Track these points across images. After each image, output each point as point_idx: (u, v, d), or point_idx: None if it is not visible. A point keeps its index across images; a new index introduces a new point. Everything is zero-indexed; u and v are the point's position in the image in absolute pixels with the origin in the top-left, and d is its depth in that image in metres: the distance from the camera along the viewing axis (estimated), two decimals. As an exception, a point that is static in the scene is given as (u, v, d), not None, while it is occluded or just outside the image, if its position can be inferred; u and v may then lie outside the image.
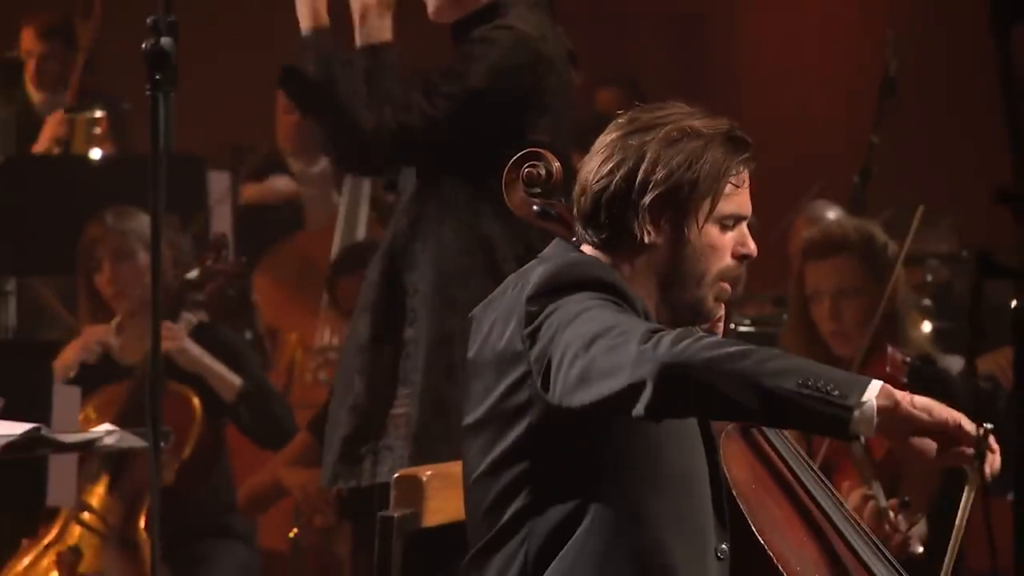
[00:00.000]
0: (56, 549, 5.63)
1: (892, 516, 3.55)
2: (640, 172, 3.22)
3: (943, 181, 8.14)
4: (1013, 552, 2.32)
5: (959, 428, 3.01)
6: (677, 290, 3.25)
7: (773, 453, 3.42)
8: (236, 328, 6.56)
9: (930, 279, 6.82)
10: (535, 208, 3.47)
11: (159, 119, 3.59)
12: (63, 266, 6.53)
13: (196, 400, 5.79)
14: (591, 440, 3.18)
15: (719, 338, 3.03)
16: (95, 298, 5.99)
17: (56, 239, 6.51)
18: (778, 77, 9.10)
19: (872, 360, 4.81)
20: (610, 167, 3.25)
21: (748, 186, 3.28)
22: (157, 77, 3.55)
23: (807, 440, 4.63)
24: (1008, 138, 2.23)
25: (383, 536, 3.48)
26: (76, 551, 5.61)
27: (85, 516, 5.67)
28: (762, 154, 3.30)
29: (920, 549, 3.37)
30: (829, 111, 8.72)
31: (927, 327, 5.93)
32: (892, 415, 2.96)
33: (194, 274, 5.87)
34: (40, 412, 4.98)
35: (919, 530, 4.32)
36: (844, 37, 9.06)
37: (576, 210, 3.30)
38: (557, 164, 3.45)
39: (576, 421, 3.13)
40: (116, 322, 5.90)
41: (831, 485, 3.48)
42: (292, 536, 6.27)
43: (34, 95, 8.08)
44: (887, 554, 3.37)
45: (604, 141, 3.28)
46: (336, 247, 7.44)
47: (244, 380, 5.87)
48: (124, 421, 5.17)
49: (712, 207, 3.24)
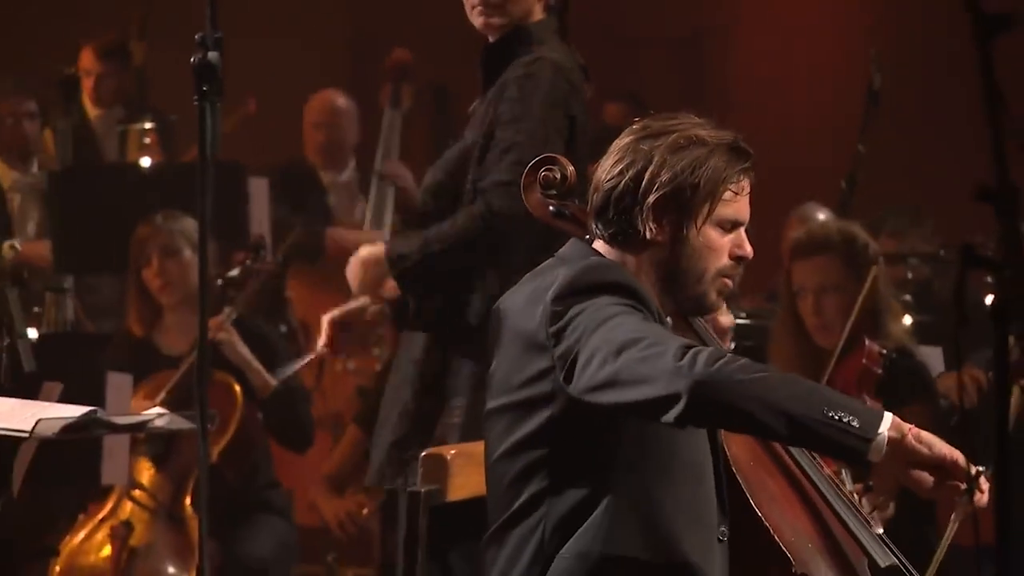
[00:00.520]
0: (109, 524, 5.63)
1: (857, 500, 3.54)
2: (647, 174, 3.22)
3: (923, 185, 8.13)
4: (995, 530, 2.30)
5: (955, 464, 3.04)
6: (680, 285, 3.25)
7: (770, 434, 3.41)
8: (271, 322, 6.56)
9: (911, 276, 6.81)
10: (551, 209, 3.47)
11: (206, 128, 3.57)
12: (116, 265, 6.53)
13: (237, 387, 5.79)
14: (608, 431, 3.17)
15: (749, 361, 2.99)
16: (143, 291, 5.99)
17: (109, 240, 6.51)
18: (769, 92, 9.10)
19: (850, 352, 4.79)
20: (621, 168, 3.25)
21: (747, 194, 3.28)
22: (204, 88, 3.53)
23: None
24: (989, 139, 2.21)
25: (411, 509, 3.47)
26: (128, 525, 5.60)
27: (136, 493, 5.67)
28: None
29: (880, 530, 3.36)
30: (817, 122, 8.71)
31: (907, 321, 5.91)
32: (898, 446, 2.99)
33: (235, 272, 5.86)
34: (95, 398, 4.97)
35: (884, 514, 4.29)
36: (830, 55, 9.05)
37: (589, 205, 3.30)
38: (571, 168, 3.46)
39: (596, 415, 3.12)
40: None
41: (823, 464, 3.46)
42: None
43: (90, 110, 8.08)
44: (886, 540, 3.35)
45: (619, 144, 3.28)
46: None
47: (278, 382, 5.86)
48: (171, 406, 5.15)
49: (711, 210, 3.23)
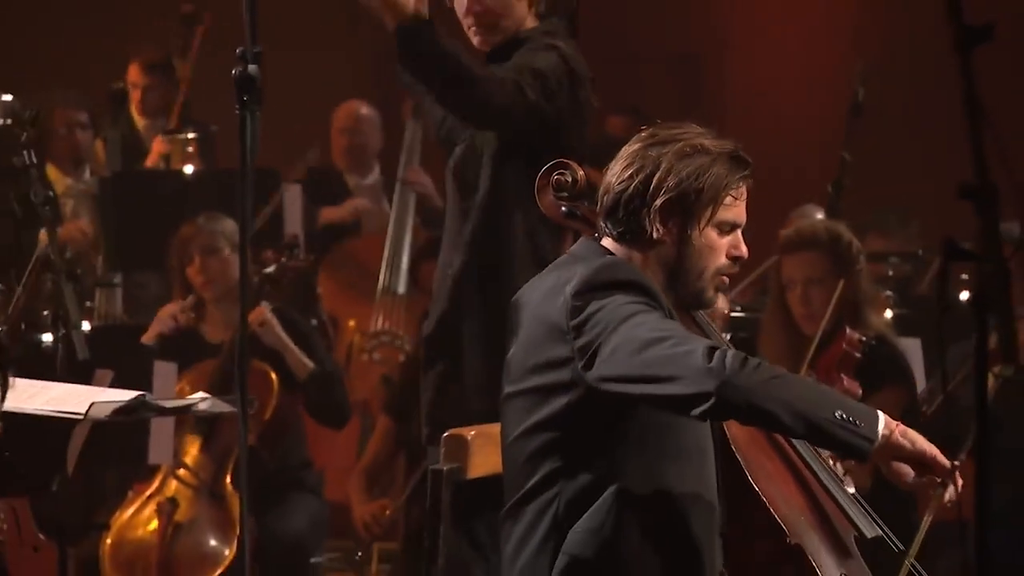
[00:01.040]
0: (156, 500, 5.62)
1: (832, 463, 3.56)
2: (655, 179, 3.22)
3: (904, 189, 8.13)
4: (974, 507, 2.29)
5: (934, 459, 3.11)
6: (681, 281, 3.26)
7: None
8: (303, 316, 6.55)
9: (891, 273, 6.82)
10: (563, 209, 3.46)
11: (246, 135, 3.55)
12: (161, 263, 6.54)
13: (274, 375, 5.78)
14: (619, 419, 3.17)
15: (770, 365, 3.06)
16: (186, 286, 5.98)
17: (155, 240, 6.51)
18: (761, 104, 9.09)
19: (832, 339, 4.79)
20: (630, 172, 3.24)
21: (745, 199, 3.28)
22: (245, 98, 3.51)
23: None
24: (969, 142, 2.20)
25: (433, 485, 3.46)
26: (174, 502, 5.59)
27: (181, 472, 5.65)
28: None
29: (852, 490, 3.39)
30: (806, 132, 8.69)
31: (888, 314, 5.92)
32: (887, 442, 3.05)
33: (271, 269, 5.86)
34: (143, 384, 4.97)
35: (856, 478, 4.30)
36: (817, 70, 9.03)
37: (600, 206, 3.29)
38: (582, 172, 3.45)
39: (610, 404, 3.13)
40: (190, 300, 5.90)
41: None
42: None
43: (137, 120, 8.08)
44: (865, 506, 3.35)
45: (628, 150, 3.28)
46: (388, 249, 7.43)
47: (314, 365, 5.85)
48: (213, 392, 5.15)
49: (712, 214, 3.24)
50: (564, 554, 3.17)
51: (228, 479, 5.62)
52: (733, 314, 5.90)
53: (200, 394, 5.04)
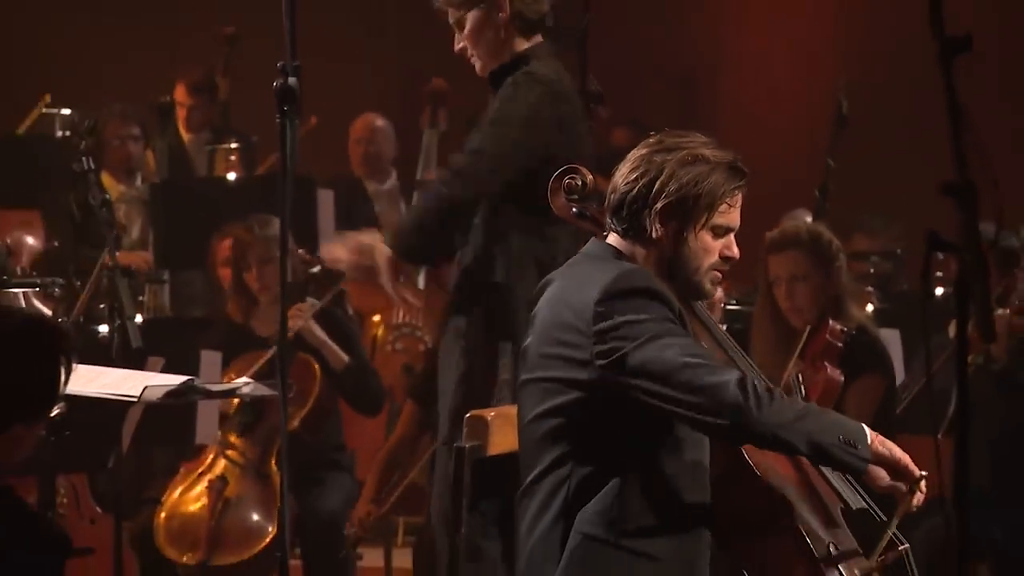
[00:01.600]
0: (208, 478, 5.60)
1: None
2: (657, 183, 3.23)
3: (885, 194, 8.13)
4: (953, 488, 2.29)
5: (905, 467, 3.18)
6: (678, 276, 3.26)
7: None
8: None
9: (872, 271, 6.82)
10: (573, 210, 3.48)
11: (287, 142, 3.55)
12: (204, 261, 6.55)
13: (316, 366, 5.76)
14: (627, 416, 3.18)
15: (787, 398, 3.16)
16: (242, 287, 5.94)
17: (201, 241, 6.51)
18: (752, 115, 9.09)
19: (817, 330, 4.80)
20: (636, 175, 3.25)
21: (739, 205, 3.28)
22: (285, 108, 3.51)
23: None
24: (951, 143, 2.19)
25: (457, 462, 3.46)
26: (224, 480, 5.57)
27: (230, 453, 5.63)
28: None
29: None
30: (794, 141, 8.69)
31: (869, 308, 5.91)
32: (872, 451, 3.14)
33: (317, 270, 5.86)
34: (190, 372, 4.96)
35: None
36: (804, 84, 9.03)
37: (606, 203, 3.31)
38: (591, 176, 3.47)
39: (621, 405, 3.15)
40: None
41: None
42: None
43: (183, 134, 8.11)
44: (854, 484, 3.35)
45: (636, 154, 3.28)
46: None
47: (351, 358, 5.84)
48: (260, 379, 5.15)
49: (708, 219, 3.24)
50: (576, 532, 3.19)
51: (272, 460, 5.59)
52: (729, 307, 5.90)
53: (243, 379, 5.05)
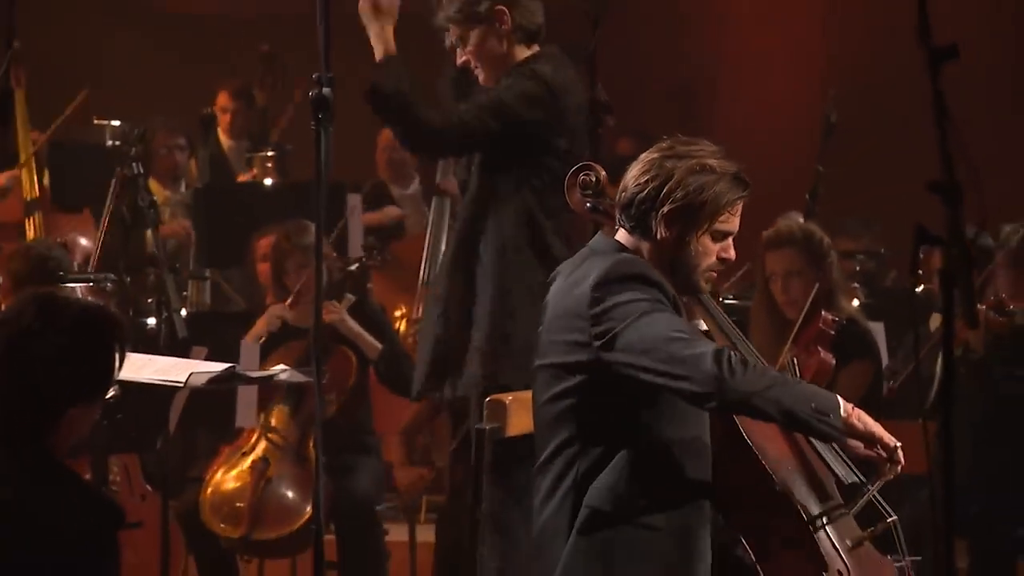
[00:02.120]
0: (251, 458, 5.58)
1: None
2: (666, 188, 3.23)
3: (871, 195, 8.13)
4: (942, 468, 2.28)
5: (881, 439, 3.18)
6: (677, 274, 3.27)
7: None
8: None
9: (858, 269, 6.84)
10: (588, 205, 3.48)
11: (321, 148, 3.55)
12: (243, 260, 6.55)
13: (353, 357, 5.74)
14: (630, 395, 3.19)
15: (764, 367, 3.17)
16: (283, 290, 5.93)
17: (240, 241, 6.52)
18: (746, 124, 9.08)
19: (810, 320, 4.80)
20: (647, 178, 3.25)
21: (739, 212, 3.29)
22: (320, 116, 3.51)
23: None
24: (937, 144, 2.19)
25: (477, 443, 3.46)
26: (266, 461, 5.57)
27: (271, 436, 5.62)
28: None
29: None
30: (786, 148, 8.67)
31: (856, 302, 5.91)
32: (843, 423, 3.14)
33: (354, 267, 5.87)
34: (231, 360, 4.97)
35: None
36: (795, 94, 9.02)
37: (616, 200, 3.31)
38: (604, 174, 3.47)
39: (622, 384, 3.15)
40: (288, 301, 5.85)
41: None
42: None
43: (224, 141, 8.11)
44: (848, 462, 3.35)
45: (648, 157, 3.28)
46: (427, 249, 7.42)
47: (384, 345, 5.83)
48: (299, 368, 5.15)
49: (710, 225, 3.25)
50: (585, 507, 3.19)
51: (311, 443, 5.59)
52: (726, 302, 5.90)
53: (281, 366, 5.05)
